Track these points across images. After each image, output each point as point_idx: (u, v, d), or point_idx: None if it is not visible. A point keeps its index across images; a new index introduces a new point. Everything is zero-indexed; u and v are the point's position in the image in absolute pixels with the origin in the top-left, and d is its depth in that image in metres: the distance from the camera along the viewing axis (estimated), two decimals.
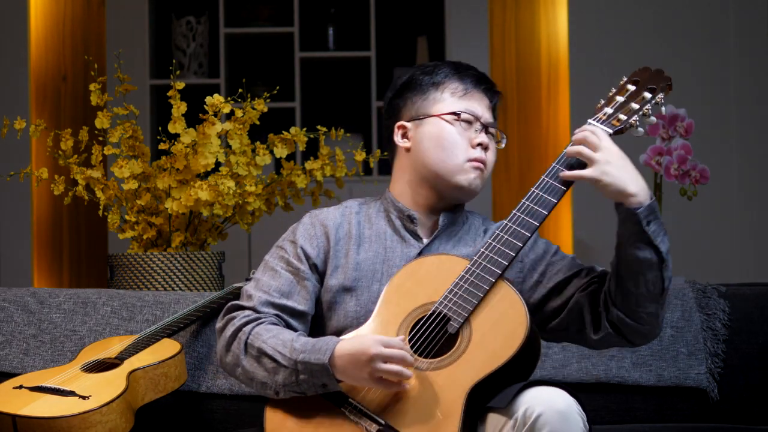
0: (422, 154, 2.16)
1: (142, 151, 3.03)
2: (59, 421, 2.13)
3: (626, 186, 1.98)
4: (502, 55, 5.20)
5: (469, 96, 2.16)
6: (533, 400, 1.85)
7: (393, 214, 2.20)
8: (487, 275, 1.98)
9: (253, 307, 2.10)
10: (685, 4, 4.85)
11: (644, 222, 1.97)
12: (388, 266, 2.14)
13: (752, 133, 4.81)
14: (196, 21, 5.20)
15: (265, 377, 2.00)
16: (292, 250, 2.17)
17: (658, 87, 2.09)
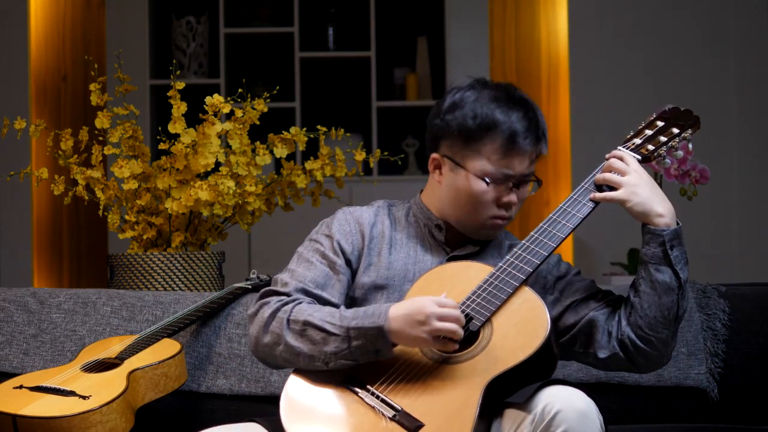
0: (449, 199, 2.16)
1: (142, 151, 3.03)
2: (59, 421, 2.13)
3: (653, 207, 2.05)
4: (502, 55, 5.20)
5: (509, 155, 2.09)
6: (552, 398, 1.87)
7: (421, 221, 2.21)
8: (512, 280, 2.02)
9: (288, 292, 2.09)
10: (686, 5, 4.85)
11: (668, 245, 2.03)
12: (419, 268, 2.16)
13: (752, 133, 4.81)
14: (196, 21, 5.20)
15: (313, 349, 1.99)
16: (328, 243, 2.16)
17: (686, 124, 2.16)
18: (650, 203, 2.04)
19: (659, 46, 4.83)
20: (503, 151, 2.09)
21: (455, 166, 2.13)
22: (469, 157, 2.11)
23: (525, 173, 2.12)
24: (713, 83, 4.80)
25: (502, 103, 2.11)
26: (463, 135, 2.11)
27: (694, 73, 4.80)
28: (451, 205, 2.16)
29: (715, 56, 4.83)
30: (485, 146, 2.09)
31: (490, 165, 2.09)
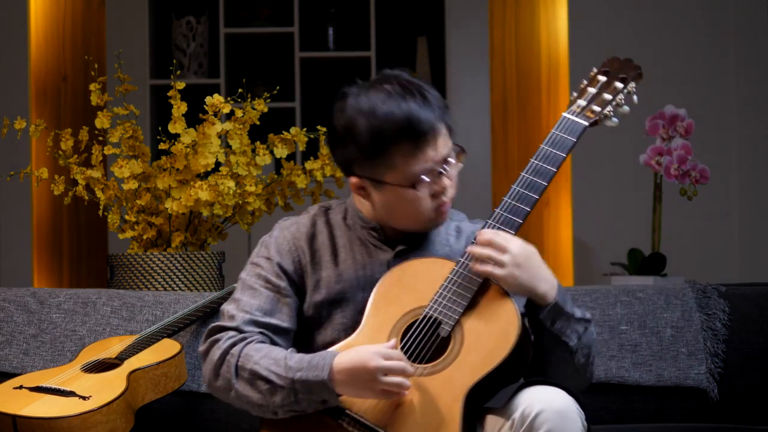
0: (386, 213, 2.08)
1: (142, 151, 3.03)
2: (59, 421, 2.13)
3: (535, 287, 1.96)
4: (502, 55, 5.20)
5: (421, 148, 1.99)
6: (531, 399, 1.84)
7: (358, 224, 2.13)
8: (474, 275, 1.96)
9: (237, 327, 2.03)
10: (685, 4, 4.85)
11: (548, 323, 1.97)
12: (369, 272, 2.09)
13: (752, 133, 4.81)
14: (196, 21, 5.20)
15: (261, 399, 1.95)
16: (269, 267, 2.10)
17: (629, 76, 2.10)
18: (531, 284, 1.96)
19: (659, 46, 4.82)
20: (411, 150, 1.99)
21: (377, 184, 2.03)
22: (385, 172, 2.01)
23: (444, 155, 2.02)
24: (713, 83, 4.80)
25: (386, 105, 1.99)
26: (367, 153, 2.00)
27: (694, 73, 4.80)
28: (392, 218, 2.08)
29: (716, 56, 4.83)
30: (393, 156, 1.99)
31: (408, 168, 1.99)
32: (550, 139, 2.05)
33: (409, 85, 2.02)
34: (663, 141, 3.37)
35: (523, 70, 5.18)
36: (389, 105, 1.99)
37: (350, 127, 2.01)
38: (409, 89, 2.01)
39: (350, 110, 2.01)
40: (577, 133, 2.06)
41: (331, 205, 2.19)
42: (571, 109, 2.08)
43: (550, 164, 2.04)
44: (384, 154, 1.99)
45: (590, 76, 2.12)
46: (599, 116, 2.06)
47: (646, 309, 2.62)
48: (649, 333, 2.59)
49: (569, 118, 2.06)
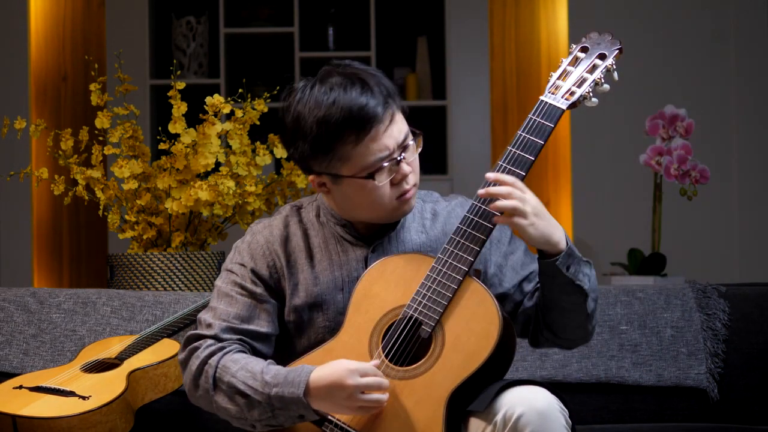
0: (349, 207, 2.04)
1: (142, 151, 3.03)
2: (59, 421, 2.13)
3: (552, 234, 1.95)
4: (502, 55, 5.20)
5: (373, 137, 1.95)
6: (513, 401, 1.83)
7: (331, 221, 2.10)
8: (454, 273, 1.92)
9: (215, 335, 2.00)
10: (685, 4, 4.85)
11: (564, 268, 1.96)
12: (347, 271, 2.06)
13: (752, 133, 4.81)
14: (196, 21, 5.20)
15: (239, 412, 1.94)
16: (243, 273, 2.06)
17: (608, 52, 2.02)
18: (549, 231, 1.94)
19: (659, 46, 4.82)
20: (360, 139, 1.94)
21: (335, 178, 2.00)
22: (339, 165, 1.97)
23: (399, 141, 1.97)
24: (713, 83, 4.80)
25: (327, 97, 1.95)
26: (319, 150, 1.96)
27: (694, 73, 4.80)
28: (356, 211, 2.04)
29: (715, 56, 4.83)
30: (343, 148, 1.95)
31: (362, 159, 1.95)
32: (528, 125, 1.96)
33: (352, 75, 1.97)
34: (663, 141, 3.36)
35: (523, 70, 5.18)
36: (331, 96, 1.94)
37: (297, 124, 1.97)
38: (351, 79, 1.96)
39: (296, 107, 1.98)
40: (555, 119, 1.96)
41: (302, 203, 2.15)
42: (548, 92, 2.00)
43: (529, 152, 1.95)
44: (334, 147, 1.95)
45: (569, 53, 2.05)
46: (578, 98, 1.98)
47: (646, 309, 2.62)
48: (649, 333, 2.59)
49: (547, 102, 1.98)
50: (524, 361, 2.57)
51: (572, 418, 1.86)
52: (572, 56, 2.04)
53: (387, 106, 1.96)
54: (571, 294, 1.98)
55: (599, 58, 2.01)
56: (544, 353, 2.57)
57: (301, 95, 1.98)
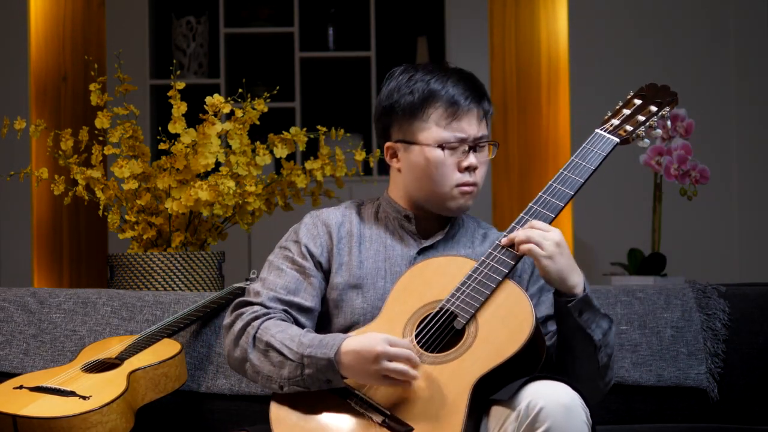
0: (411, 181, 2.19)
1: (142, 151, 3.03)
2: (60, 421, 2.13)
3: (569, 276, 2.02)
4: (502, 55, 5.20)
5: (456, 119, 2.14)
6: (536, 393, 1.86)
7: (391, 215, 2.23)
8: (495, 274, 2.01)
9: (262, 302, 2.12)
10: (685, 5, 4.86)
11: (576, 312, 2.02)
12: (390, 264, 2.17)
13: (752, 133, 4.81)
14: (196, 21, 5.20)
15: (271, 371, 2.02)
16: (296, 249, 2.19)
17: (664, 101, 2.18)
18: (567, 273, 2.02)
19: (659, 46, 4.82)
20: (449, 115, 2.13)
21: (408, 145, 2.17)
22: (418, 132, 2.15)
23: (477, 135, 2.15)
24: (713, 83, 4.80)
25: (435, 73, 2.16)
26: (407, 113, 2.15)
27: (694, 73, 4.80)
28: (416, 186, 2.18)
29: (715, 56, 4.83)
30: (430, 116, 2.14)
31: (441, 131, 2.13)
32: (581, 152, 2.13)
33: (468, 76, 2.18)
34: (663, 141, 3.37)
35: (523, 70, 5.19)
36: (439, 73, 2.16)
37: (397, 88, 2.17)
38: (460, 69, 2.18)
39: (401, 75, 2.18)
40: (608, 149, 2.13)
41: (363, 201, 2.30)
42: (604, 126, 2.15)
43: (578, 175, 2.11)
44: (422, 113, 2.13)
45: (626, 98, 2.19)
46: (630, 135, 2.13)
47: (646, 309, 2.62)
48: (649, 333, 2.59)
49: (601, 134, 2.14)
50: None
51: (593, 417, 1.89)
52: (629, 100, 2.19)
53: (480, 104, 2.15)
54: (581, 341, 2.03)
55: (655, 105, 2.17)
56: None
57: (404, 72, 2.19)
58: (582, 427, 1.85)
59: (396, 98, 2.16)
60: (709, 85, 4.80)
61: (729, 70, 4.82)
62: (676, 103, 2.19)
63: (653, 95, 2.18)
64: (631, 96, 2.19)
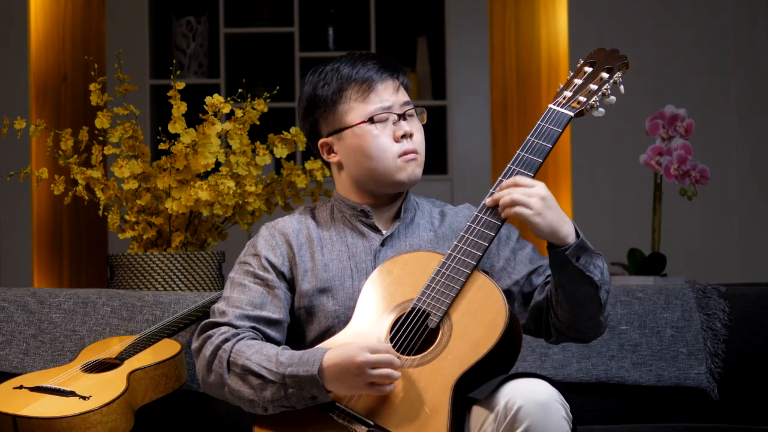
0: (353, 166, 2.17)
1: (142, 151, 3.03)
2: (60, 421, 2.13)
3: (560, 227, 1.99)
4: (502, 55, 5.20)
5: (373, 91, 2.15)
6: (513, 392, 1.85)
7: (347, 213, 2.20)
8: (463, 267, 1.99)
9: (229, 322, 2.07)
10: (685, 5, 4.85)
11: (574, 259, 1.99)
12: (355, 262, 2.14)
13: (752, 133, 4.81)
14: (196, 21, 5.20)
15: (252, 394, 1.98)
16: (256, 262, 2.14)
17: (615, 66, 2.11)
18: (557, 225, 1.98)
19: (659, 47, 4.82)
20: (365, 90, 2.15)
21: (339, 133, 2.16)
22: (344, 116, 2.15)
23: (400, 102, 2.16)
24: (713, 83, 4.80)
25: (343, 60, 2.19)
26: (329, 103, 2.16)
27: (694, 73, 4.80)
28: (360, 171, 2.16)
29: (715, 56, 4.83)
30: (350, 98, 2.15)
31: (364, 107, 2.13)
32: (537, 130, 2.06)
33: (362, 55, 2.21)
34: (663, 141, 3.36)
35: (523, 70, 5.19)
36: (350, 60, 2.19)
37: (312, 86, 2.19)
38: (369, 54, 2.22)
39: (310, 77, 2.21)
40: (563, 124, 2.07)
41: (315, 205, 2.27)
42: (557, 101, 2.09)
43: (537, 155, 2.04)
44: (341, 98, 2.15)
45: (576, 67, 2.14)
46: (585, 107, 2.07)
47: (646, 309, 2.62)
48: (649, 333, 2.59)
49: (555, 109, 2.08)
50: (524, 361, 2.58)
51: (574, 412, 1.88)
52: (580, 69, 2.13)
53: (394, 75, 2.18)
54: (581, 285, 2.01)
55: (606, 72, 2.10)
56: (544, 353, 2.58)
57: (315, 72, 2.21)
58: (561, 422, 1.84)
59: (313, 94, 2.17)
60: (709, 85, 4.80)
61: (729, 70, 4.82)
62: (627, 67, 2.11)
63: (603, 60, 2.12)
64: (581, 64, 2.13)
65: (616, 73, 2.09)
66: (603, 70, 2.10)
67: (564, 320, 2.06)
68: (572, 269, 1.99)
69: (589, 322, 2.06)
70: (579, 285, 2.01)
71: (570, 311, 2.04)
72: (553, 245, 2.00)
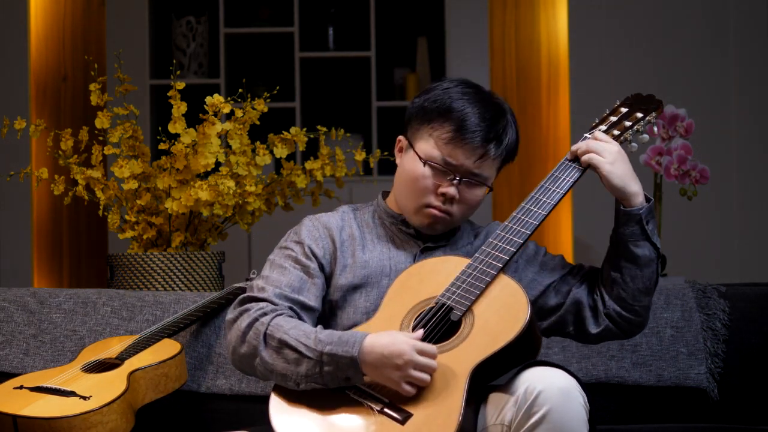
0: (397, 180, 2.20)
1: (142, 151, 3.03)
2: (60, 421, 2.13)
3: (630, 184, 2.09)
4: (502, 55, 5.20)
5: (455, 144, 2.10)
6: (534, 378, 1.88)
7: (387, 221, 2.23)
8: (489, 269, 2.03)
9: (267, 298, 2.09)
10: (686, 4, 4.85)
11: (645, 221, 2.09)
12: (395, 262, 2.17)
13: (752, 133, 4.81)
14: (196, 21, 5.20)
15: (286, 368, 1.98)
16: (299, 249, 2.17)
17: (649, 108, 2.22)
18: (628, 180, 2.09)
19: (659, 47, 4.82)
20: (450, 138, 2.10)
21: (408, 146, 2.17)
22: (420, 139, 2.15)
23: (470, 169, 2.12)
24: (713, 83, 4.80)
25: (468, 96, 2.15)
26: (420, 116, 2.15)
27: (694, 73, 4.80)
28: (398, 189, 2.19)
29: (716, 56, 4.83)
30: (435, 130, 2.12)
31: (435, 149, 2.12)
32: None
33: (496, 105, 2.18)
34: (663, 141, 3.37)
35: (523, 70, 5.18)
36: (471, 98, 2.14)
37: (431, 90, 2.18)
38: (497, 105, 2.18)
39: (447, 83, 2.19)
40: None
41: (358, 206, 2.28)
42: (591, 131, 2.18)
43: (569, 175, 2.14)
44: (431, 123, 2.13)
45: (613, 107, 2.22)
46: (618, 139, 2.16)
47: None
48: (649, 333, 2.60)
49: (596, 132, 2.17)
50: None
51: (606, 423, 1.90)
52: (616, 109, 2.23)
53: (490, 144, 2.12)
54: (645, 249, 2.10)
55: (641, 112, 2.21)
56: (544, 354, 2.58)
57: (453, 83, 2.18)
58: (580, 410, 1.86)
59: (425, 99, 2.17)
60: (709, 85, 4.80)
61: (729, 70, 4.82)
62: (662, 110, 2.23)
63: (639, 103, 2.22)
64: (618, 105, 2.23)
65: (651, 114, 2.21)
66: (638, 111, 2.21)
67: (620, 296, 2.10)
68: (641, 231, 2.08)
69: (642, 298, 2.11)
70: (643, 249, 2.09)
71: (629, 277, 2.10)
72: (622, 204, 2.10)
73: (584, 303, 2.15)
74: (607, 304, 2.13)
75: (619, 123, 2.19)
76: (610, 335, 2.15)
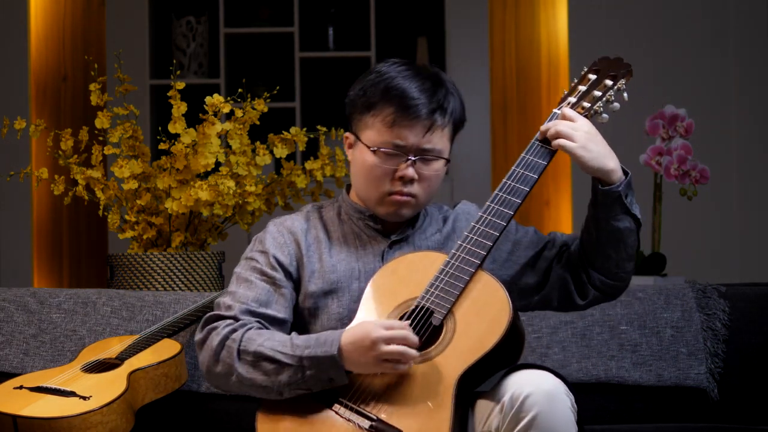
0: (353, 177, 2.16)
1: (142, 151, 3.03)
2: (60, 421, 2.13)
3: (606, 162, 2.03)
4: (502, 55, 5.20)
5: (400, 124, 2.04)
6: (520, 382, 1.85)
7: (354, 217, 2.17)
8: (467, 266, 1.98)
9: (234, 315, 2.04)
10: (686, 5, 4.85)
11: (623, 195, 2.04)
12: (363, 263, 2.12)
13: (752, 133, 4.81)
14: (196, 21, 5.20)
15: (266, 380, 1.96)
16: (264, 259, 2.11)
17: (618, 74, 2.13)
18: (602, 158, 2.02)
19: (659, 47, 4.82)
20: (393, 119, 2.04)
21: (356, 140, 2.12)
22: (365, 128, 2.10)
23: (421, 145, 2.06)
24: (713, 83, 4.80)
25: (402, 74, 2.08)
26: (359, 106, 2.11)
27: (694, 73, 4.80)
28: (356, 183, 2.14)
29: (716, 56, 4.83)
30: (377, 115, 2.07)
31: (381, 135, 2.06)
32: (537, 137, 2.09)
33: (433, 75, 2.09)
34: (663, 141, 3.36)
35: (523, 70, 5.18)
36: (402, 74, 2.07)
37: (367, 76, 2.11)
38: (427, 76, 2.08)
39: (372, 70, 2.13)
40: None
41: (323, 204, 2.23)
42: (560, 106, 2.11)
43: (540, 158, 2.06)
44: (371, 110, 2.07)
45: (581, 74, 2.16)
46: (589, 112, 2.10)
47: (646, 309, 2.62)
48: (649, 333, 2.59)
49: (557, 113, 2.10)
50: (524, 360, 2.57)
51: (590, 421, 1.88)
52: (584, 76, 2.15)
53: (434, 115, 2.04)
54: (626, 222, 2.06)
55: (610, 79, 2.12)
56: (544, 353, 2.57)
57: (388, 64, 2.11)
58: (567, 413, 1.84)
59: (360, 88, 2.11)
60: (709, 85, 4.80)
61: (729, 70, 4.82)
62: (630, 75, 2.13)
63: (607, 68, 2.14)
64: (585, 72, 2.15)
65: (620, 80, 2.12)
66: (607, 78, 2.12)
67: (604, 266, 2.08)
68: (620, 207, 2.03)
69: (626, 265, 2.09)
70: (623, 222, 2.05)
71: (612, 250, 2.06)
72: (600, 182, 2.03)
73: (568, 279, 2.12)
74: (592, 276, 2.10)
75: (588, 93, 2.11)
76: (596, 302, 2.15)
